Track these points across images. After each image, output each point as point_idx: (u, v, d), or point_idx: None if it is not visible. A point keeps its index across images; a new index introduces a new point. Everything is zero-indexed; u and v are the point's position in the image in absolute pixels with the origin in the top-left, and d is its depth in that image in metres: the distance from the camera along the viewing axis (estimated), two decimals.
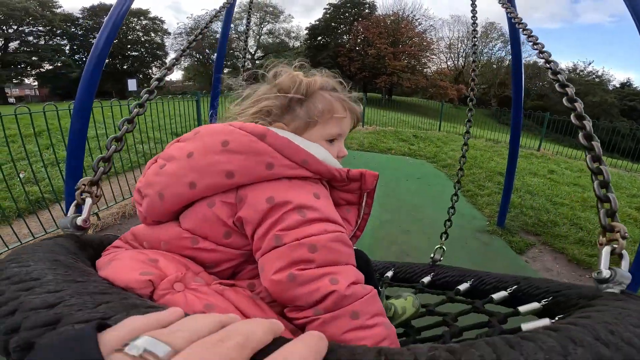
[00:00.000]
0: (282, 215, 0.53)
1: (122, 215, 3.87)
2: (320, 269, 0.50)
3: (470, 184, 5.41)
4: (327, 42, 34.23)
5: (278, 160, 0.56)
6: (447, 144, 8.61)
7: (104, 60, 1.94)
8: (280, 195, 0.54)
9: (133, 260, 0.52)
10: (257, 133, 0.56)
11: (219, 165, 0.54)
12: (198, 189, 0.55)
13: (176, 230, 0.58)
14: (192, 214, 0.57)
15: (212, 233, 0.57)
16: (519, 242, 3.46)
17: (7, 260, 0.47)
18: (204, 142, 0.57)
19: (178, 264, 0.54)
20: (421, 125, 11.80)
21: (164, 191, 0.57)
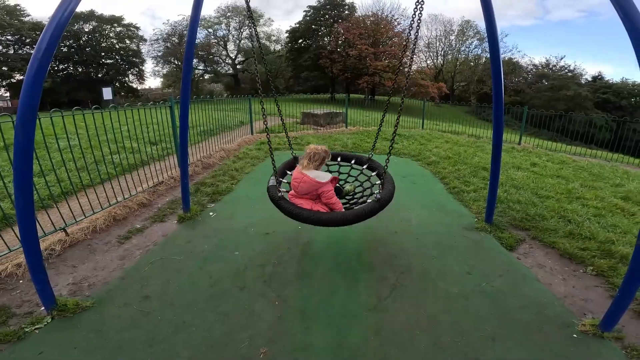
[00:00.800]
0: (322, 193, 2.79)
1: (93, 230, 3.61)
2: (331, 199, 2.81)
3: (456, 180, 5.35)
4: (308, 44, 34.16)
5: (319, 184, 2.77)
6: (430, 142, 8.61)
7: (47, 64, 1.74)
8: (323, 190, 2.79)
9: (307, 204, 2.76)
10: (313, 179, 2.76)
11: (312, 188, 2.78)
12: (310, 192, 2.81)
13: (307, 196, 2.84)
14: (311, 194, 2.82)
15: (313, 195, 2.84)
16: (508, 238, 3.38)
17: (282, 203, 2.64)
18: (307, 183, 2.77)
19: (309, 202, 2.82)
20: (404, 124, 11.81)
21: (302, 191, 2.80)
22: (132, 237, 3.58)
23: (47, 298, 2.36)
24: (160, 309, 2.40)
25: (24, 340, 2.13)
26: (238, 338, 2.11)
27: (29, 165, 1.86)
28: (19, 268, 2.91)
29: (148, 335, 2.14)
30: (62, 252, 3.24)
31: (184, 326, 2.22)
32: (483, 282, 2.69)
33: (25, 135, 1.75)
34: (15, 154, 1.81)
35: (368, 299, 2.49)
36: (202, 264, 2.94)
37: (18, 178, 1.86)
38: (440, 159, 6.69)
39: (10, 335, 2.15)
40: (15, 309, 2.46)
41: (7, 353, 2.02)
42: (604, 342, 2.09)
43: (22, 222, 2.04)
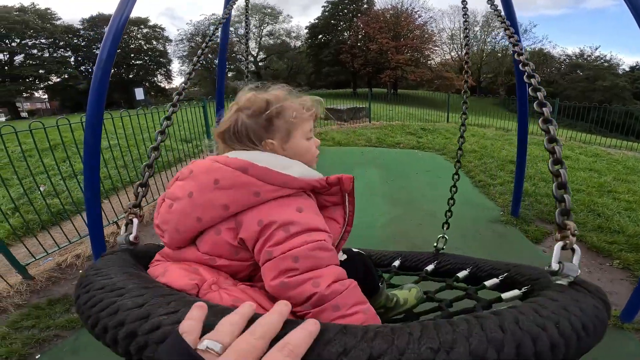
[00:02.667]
0: (270, 233, 0.65)
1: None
2: (303, 275, 0.63)
3: (482, 174, 5.34)
4: (328, 40, 34.05)
5: (262, 187, 0.67)
6: (456, 135, 8.47)
7: (109, 72, 1.99)
8: (268, 217, 0.66)
9: (182, 270, 0.68)
10: (240, 167, 0.68)
11: (215, 201, 0.67)
12: (204, 221, 0.69)
13: (197, 254, 0.71)
14: (205, 240, 0.71)
15: (225, 253, 0.70)
16: (534, 231, 3.40)
17: (92, 274, 0.64)
18: (199, 182, 0.69)
19: (212, 271, 0.69)
20: (428, 118, 11.70)
21: (178, 227, 0.71)
22: None
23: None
24: None
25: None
26: None
27: (97, 161, 2.13)
28: (78, 259, 3.21)
29: None
30: (116, 244, 3.57)
31: None
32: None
33: (94, 135, 2.02)
34: (85, 151, 2.08)
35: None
36: None
37: (88, 173, 2.13)
38: (466, 153, 6.63)
39: (75, 321, 2.38)
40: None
41: (72, 339, 2.24)
42: (623, 332, 2.13)
43: (91, 215, 2.31)
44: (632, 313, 2.16)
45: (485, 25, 36.08)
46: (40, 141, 3.42)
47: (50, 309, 2.54)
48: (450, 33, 36.63)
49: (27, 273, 2.87)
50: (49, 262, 3.13)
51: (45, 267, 3.04)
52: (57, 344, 2.20)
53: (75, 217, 3.74)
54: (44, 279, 2.89)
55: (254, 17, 35.01)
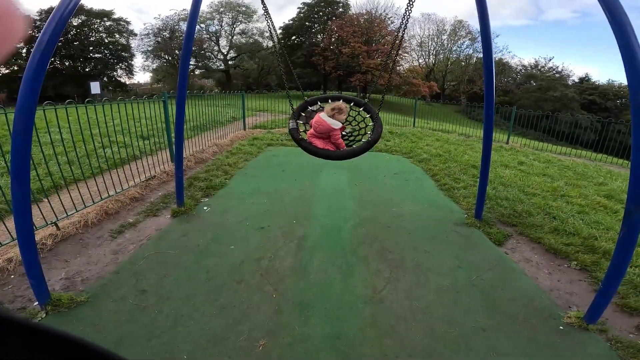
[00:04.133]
0: (333, 135, 3.19)
1: (85, 224, 3.58)
2: (338, 139, 3.22)
3: (447, 177, 5.46)
4: (301, 41, 33.98)
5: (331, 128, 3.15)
6: (421, 139, 8.72)
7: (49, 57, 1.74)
8: (333, 133, 3.17)
9: (318, 141, 3.18)
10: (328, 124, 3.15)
11: (326, 129, 3.15)
12: (325, 132, 3.17)
13: (322, 135, 3.21)
14: (325, 134, 3.20)
15: (327, 136, 3.21)
16: (497, 233, 3.49)
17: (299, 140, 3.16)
18: (323, 125, 3.14)
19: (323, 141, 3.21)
20: (396, 122, 11.95)
21: (319, 130, 3.17)
22: (125, 231, 3.56)
23: (41, 293, 2.33)
24: (157, 303, 2.40)
25: None
26: (237, 331, 2.14)
27: (27, 157, 1.85)
28: (10, 263, 2.86)
29: (147, 329, 2.15)
30: (54, 247, 3.20)
31: (182, 320, 2.24)
32: (473, 275, 2.78)
33: (24, 127, 1.74)
34: (14, 144, 1.80)
35: (364, 292, 2.55)
36: (198, 258, 2.95)
37: (16, 169, 1.85)
38: (431, 157, 6.80)
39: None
40: (8, 304, 2.43)
41: None
42: (589, 334, 2.19)
43: (19, 215, 2.03)
44: (596, 314, 2.23)
45: (452, 34, 37.78)
46: None
47: None
48: (419, 40, 37.97)
49: None
50: None
51: None
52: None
53: (8, 217, 3.33)
54: None
55: (227, 15, 34.17)
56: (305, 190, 4.71)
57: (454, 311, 2.36)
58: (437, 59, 39.75)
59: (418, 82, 30.87)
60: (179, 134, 3.76)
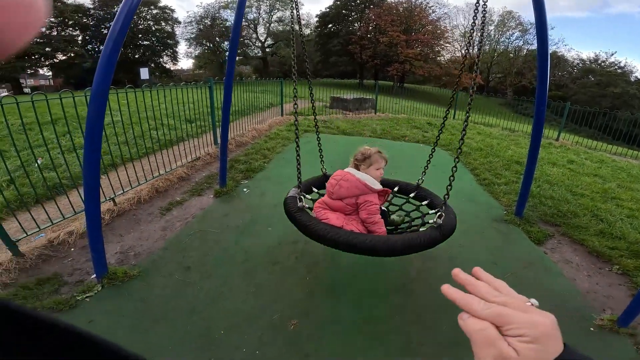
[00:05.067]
0: (365, 202, 2.15)
1: (138, 201, 3.91)
2: (372, 216, 2.15)
3: (487, 172, 5.28)
4: (337, 29, 33.57)
5: (364, 189, 2.16)
6: (461, 132, 8.40)
7: (120, 44, 1.93)
8: (365, 198, 2.16)
9: (335, 217, 2.16)
10: (358, 179, 2.18)
11: (354, 191, 2.16)
12: (351, 196, 2.17)
13: (341, 204, 2.20)
14: (346, 200, 2.17)
15: (351, 206, 2.19)
16: (537, 232, 3.36)
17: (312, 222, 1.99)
18: (349, 182, 2.17)
19: (342, 217, 2.19)
20: (435, 113, 11.57)
21: (340, 194, 2.17)
22: (172, 209, 3.85)
23: (100, 266, 2.49)
24: (199, 280, 2.59)
25: (76, 308, 2.25)
26: (270, 310, 2.27)
27: (99, 134, 2.08)
28: (71, 236, 3.09)
29: (189, 305, 2.31)
30: (111, 222, 3.49)
31: (220, 297, 2.40)
32: (507, 272, 2.73)
33: (98, 108, 1.96)
34: (88, 124, 2.03)
35: (394, 281, 2.60)
36: (237, 238, 3.14)
37: (88, 146, 2.08)
38: (472, 150, 6.57)
39: (62, 303, 2.27)
40: (67, 277, 2.60)
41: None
42: (618, 337, 2.13)
43: (89, 191, 2.25)
44: (629, 318, 2.16)
45: (500, 25, 35.53)
46: (41, 115, 3.36)
47: (38, 289, 2.44)
48: (463, 30, 36.10)
49: (18, 250, 2.75)
50: (41, 239, 3.01)
51: (37, 244, 2.91)
52: None
53: (71, 191, 3.69)
54: (34, 257, 2.77)
55: (264, 2, 34.45)
56: None
57: None
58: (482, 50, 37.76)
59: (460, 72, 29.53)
60: (225, 119, 3.95)
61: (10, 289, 2.43)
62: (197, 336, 2.08)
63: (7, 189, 3.61)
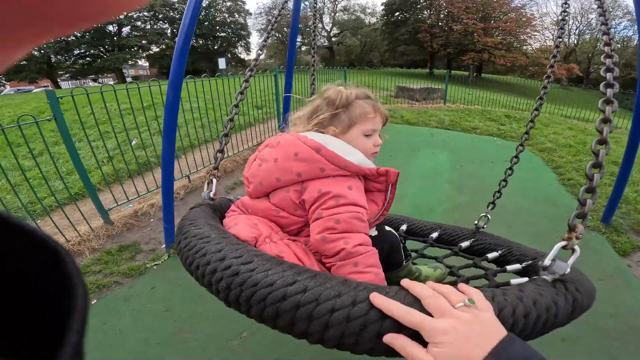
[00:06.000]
0: (324, 200, 0.82)
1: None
2: (339, 234, 0.79)
3: (574, 171, 4.65)
4: (405, 17, 31.97)
5: (328, 166, 0.84)
6: (548, 126, 7.46)
7: (191, 36, 2.11)
8: (326, 187, 0.83)
9: (245, 224, 0.88)
10: (314, 147, 0.85)
11: (292, 169, 0.85)
12: (282, 182, 0.87)
13: (267, 204, 0.91)
14: (277, 195, 0.90)
15: (287, 207, 0.89)
16: (624, 242, 2.89)
17: (187, 224, 0.84)
18: (284, 152, 0.88)
19: (267, 227, 0.89)
20: (516, 106, 10.43)
21: (263, 181, 0.90)
22: (236, 188, 4.17)
23: (170, 237, 2.70)
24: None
25: (144, 275, 2.49)
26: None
27: (175, 120, 2.34)
28: (152, 208, 3.49)
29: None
30: (185, 197, 3.89)
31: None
32: None
33: (175, 95, 2.20)
34: (166, 111, 2.29)
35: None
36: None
37: (166, 130, 2.35)
38: (558, 147, 5.82)
39: (134, 269, 2.53)
40: (144, 245, 2.89)
41: (127, 287, 2.38)
42: None
43: (166, 168, 2.55)
44: None
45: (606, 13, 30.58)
46: (136, 102, 3.86)
47: (119, 255, 2.74)
48: (555, 18, 31.80)
49: (109, 218, 3.15)
50: (128, 210, 3.43)
51: (124, 214, 3.33)
52: (115, 291, 2.36)
53: (157, 168, 4.14)
54: (120, 225, 3.15)
55: None
56: (401, 167, 4.61)
57: None
58: (581, 40, 32.74)
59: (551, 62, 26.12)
60: (286, 106, 4.12)
61: (97, 253, 2.76)
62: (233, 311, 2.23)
63: (107, 164, 4.21)
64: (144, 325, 2.03)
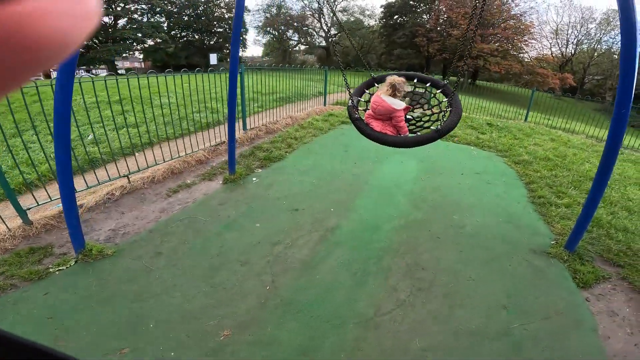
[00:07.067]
0: (395, 116, 2.80)
1: (152, 180, 3.93)
2: (400, 122, 2.81)
3: (547, 188, 4.33)
4: (404, 21, 31.78)
5: (393, 110, 2.76)
6: (529, 137, 7.18)
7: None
8: (396, 114, 2.78)
9: (376, 123, 2.83)
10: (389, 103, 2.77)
11: (387, 111, 2.79)
12: (385, 113, 2.81)
13: (381, 117, 2.85)
14: (383, 115, 2.83)
15: (387, 117, 2.85)
16: (587, 272, 2.57)
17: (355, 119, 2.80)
18: (383, 107, 2.76)
19: (380, 123, 2.85)
20: (503, 113, 10.14)
21: (379, 112, 2.81)
22: (180, 191, 3.79)
23: (77, 242, 2.52)
24: (163, 267, 2.45)
25: (43, 279, 2.29)
26: (211, 314, 2.05)
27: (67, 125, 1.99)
28: (80, 208, 3.14)
29: (138, 292, 2.19)
30: (120, 198, 3.51)
31: (171, 290, 2.23)
32: (517, 322, 2.09)
33: (64, 96, 1.84)
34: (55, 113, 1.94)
35: (364, 309, 2.15)
36: (220, 230, 2.94)
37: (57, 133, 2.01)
38: (535, 159, 5.51)
39: (34, 274, 2.32)
40: (57, 249, 2.67)
41: (21, 291, 2.19)
42: None
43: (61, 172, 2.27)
44: None
45: (604, 24, 30.67)
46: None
47: (26, 257, 2.51)
48: (555, 27, 31.81)
49: (27, 218, 2.86)
50: (54, 210, 3.10)
51: (47, 214, 3.01)
52: (8, 294, 2.17)
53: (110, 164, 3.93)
54: (39, 226, 2.87)
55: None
56: (361, 176, 4.31)
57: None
58: (578, 49, 32.78)
59: (546, 72, 26.01)
60: (231, 105, 3.78)
61: (6, 254, 2.52)
62: (125, 323, 1.95)
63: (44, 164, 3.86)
64: (20, 331, 1.88)
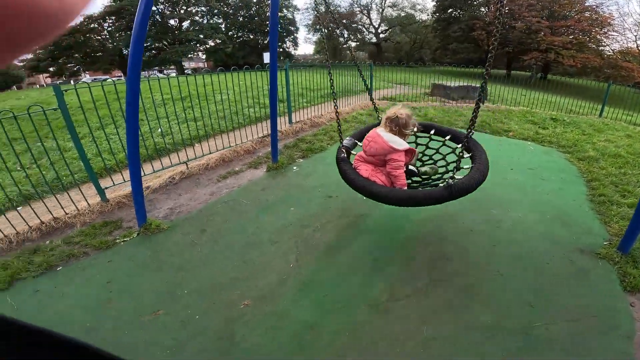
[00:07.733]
0: (392, 159, 2.34)
1: (206, 167, 4.40)
2: (396, 170, 2.33)
3: (611, 186, 3.89)
4: (459, 14, 29.90)
5: (390, 149, 2.33)
6: (600, 132, 6.42)
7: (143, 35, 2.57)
8: (392, 157, 2.34)
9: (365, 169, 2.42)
10: (388, 140, 2.36)
11: (382, 150, 2.36)
12: (381, 156, 2.38)
13: (373, 159, 2.44)
14: (377, 157, 2.41)
15: (381, 162, 2.42)
16: (638, 276, 2.31)
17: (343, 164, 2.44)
18: (377, 143, 2.38)
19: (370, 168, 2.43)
20: (573, 108, 9.15)
21: (371, 152, 2.40)
22: (228, 177, 4.16)
23: (140, 217, 2.92)
24: (205, 242, 2.73)
25: (110, 249, 2.68)
26: (237, 286, 2.25)
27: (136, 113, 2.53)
28: (147, 190, 3.67)
29: (181, 263, 2.48)
30: (179, 182, 4.00)
31: (210, 262, 2.49)
32: (540, 321, 1.96)
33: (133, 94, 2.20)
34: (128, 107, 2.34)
35: (377, 295, 2.18)
36: (258, 212, 3.18)
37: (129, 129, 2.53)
38: (603, 156, 4.94)
39: (103, 244, 2.73)
40: (125, 223, 3.11)
41: (91, 258, 2.58)
42: None
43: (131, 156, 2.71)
44: None
45: None
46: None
47: (99, 229, 2.96)
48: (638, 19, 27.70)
49: (105, 196, 3.41)
50: (127, 190, 3.58)
51: (120, 193, 3.54)
52: (80, 260, 2.56)
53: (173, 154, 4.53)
54: (114, 203, 3.39)
55: None
56: None
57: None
58: None
59: (631, 65, 22.83)
60: (272, 103, 4.06)
61: (85, 226, 3.02)
62: (165, 289, 2.23)
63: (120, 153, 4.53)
64: (83, 293, 2.21)
